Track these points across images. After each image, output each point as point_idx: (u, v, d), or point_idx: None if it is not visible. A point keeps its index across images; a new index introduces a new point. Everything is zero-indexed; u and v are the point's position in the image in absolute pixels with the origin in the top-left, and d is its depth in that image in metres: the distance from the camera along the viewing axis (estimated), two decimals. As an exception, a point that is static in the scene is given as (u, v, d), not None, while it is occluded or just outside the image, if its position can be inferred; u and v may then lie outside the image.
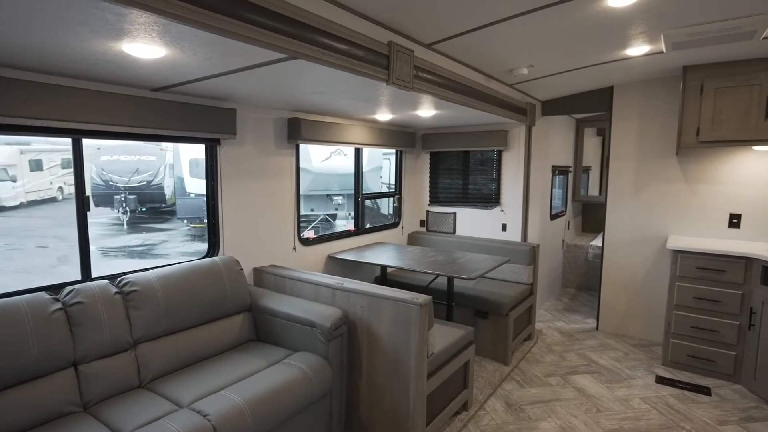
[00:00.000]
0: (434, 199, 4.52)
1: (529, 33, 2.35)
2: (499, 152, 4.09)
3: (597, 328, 4.16)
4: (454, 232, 4.42)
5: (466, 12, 1.99)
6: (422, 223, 4.61)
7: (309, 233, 3.35)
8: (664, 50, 2.80)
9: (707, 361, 3.21)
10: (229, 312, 2.42)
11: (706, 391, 3.03)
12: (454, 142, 4.21)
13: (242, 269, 2.56)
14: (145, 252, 8.28)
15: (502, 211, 4.14)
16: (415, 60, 2.21)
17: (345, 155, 9.94)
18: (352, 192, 3.93)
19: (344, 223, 10.12)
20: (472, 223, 4.31)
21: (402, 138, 4.08)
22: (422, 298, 2.18)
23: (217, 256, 2.65)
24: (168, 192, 10.02)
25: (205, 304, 2.29)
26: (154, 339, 2.11)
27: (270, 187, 2.97)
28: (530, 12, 2.05)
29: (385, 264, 3.21)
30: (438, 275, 3.03)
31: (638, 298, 3.93)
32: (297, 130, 2.99)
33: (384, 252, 3.58)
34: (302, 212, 3.32)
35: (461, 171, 4.32)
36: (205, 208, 2.68)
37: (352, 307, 2.37)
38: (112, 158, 9.50)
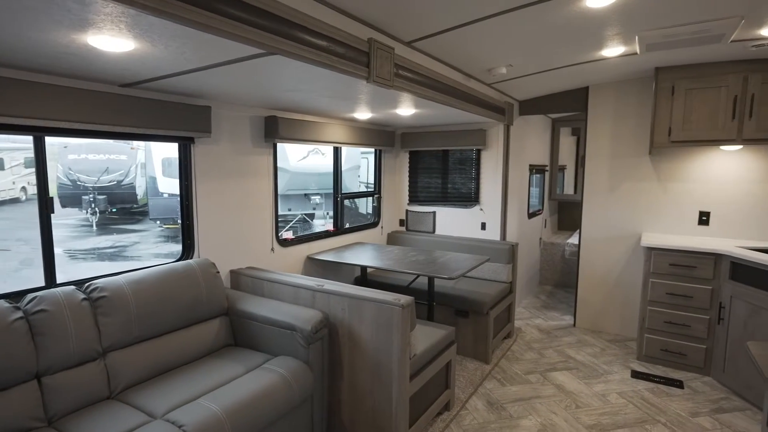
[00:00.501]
0: (414, 199, 4.50)
1: (508, 32, 2.35)
2: (478, 151, 4.11)
3: (574, 325, 4.23)
4: (433, 231, 4.42)
5: (447, 10, 1.97)
6: (402, 223, 4.60)
7: (287, 234, 3.28)
8: (638, 51, 2.85)
9: (679, 354, 3.30)
10: (205, 316, 2.34)
11: (678, 384, 3.11)
12: (433, 141, 4.20)
13: (218, 272, 2.48)
14: (115, 254, 8.00)
15: (481, 210, 4.16)
16: (396, 58, 2.18)
17: (323, 154, 9.83)
18: (331, 191, 3.88)
19: (322, 222, 10.03)
20: (451, 222, 4.32)
21: (381, 137, 4.05)
22: (404, 299, 2.15)
23: (192, 258, 2.56)
24: (140, 192, 9.71)
25: (180, 309, 2.21)
26: (126, 347, 2.02)
27: (247, 187, 2.89)
28: (510, 11, 2.05)
29: (365, 264, 3.17)
30: (419, 275, 3.01)
31: (613, 295, 4.01)
32: (274, 129, 2.92)
33: (364, 252, 3.54)
34: (280, 212, 3.24)
35: (440, 170, 4.32)
36: (179, 209, 2.58)
37: (333, 309, 2.33)
38: (79, 157, 9.14)
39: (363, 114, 3.29)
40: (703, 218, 3.60)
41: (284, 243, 3.21)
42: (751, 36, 2.60)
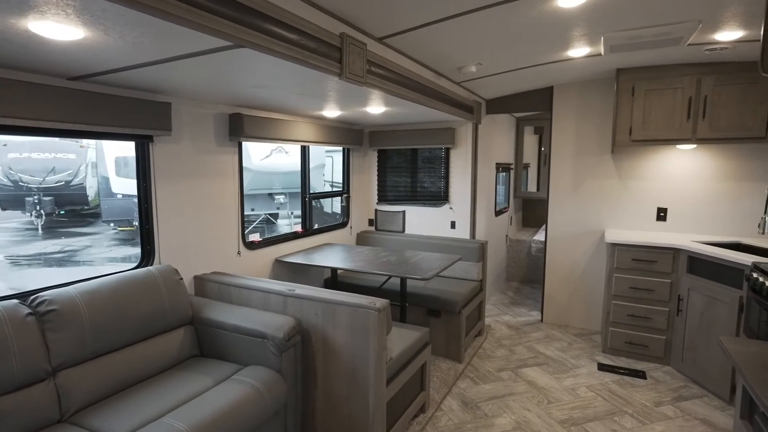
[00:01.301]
0: (383, 198, 4.45)
1: (480, 30, 2.33)
2: (447, 150, 4.11)
3: (541, 320, 4.31)
4: (403, 230, 4.38)
5: (419, 6, 1.93)
6: (371, 222, 4.54)
7: (254, 236, 3.14)
8: (602, 52, 2.92)
9: (641, 346, 3.42)
10: (168, 326, 2.20)
11: (641, 374, 3.22)
12: (402, 139, 4.17)
13: (182, 278, 2.33)
14: (65, 259, 7.50)
15: (451, 208, 4.16)
16: (368, 54, 2.11)
17: (287, 153, 9.63)
18: (295, 191, 3.76)
19: (287, 222, 9.82)
20: (421, 221, 4.30)
21: (349, 135, 3.97)
22: (380, 302, 2.10)
23: (152, 264, 2.39)
24: (91, 193, 9.16)
25: (140, 320, 2.05)
26: (79, 364, 1.85)
27: (211, 188, 2.74)
28: (483, 8, 2.03)
29: (336, 266, 3.09)
30: (391, 276, 2.96)
31: (578, 290, 4.12)
32: (239, 127, 2.79)
33: (334, 253, 3.46)
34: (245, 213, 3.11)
35: (409, 169, 4.29)
36: (135, 211, 2.41)
37: (306, 315, 2.24)
38: (21, 156, 8.50)
39: (332, 112, 3.21)
40: (661, 214, 3.75)
41: (251, 246, 3.08)
42: (706, 40, 2.71)
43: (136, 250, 6.72)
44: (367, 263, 3.10)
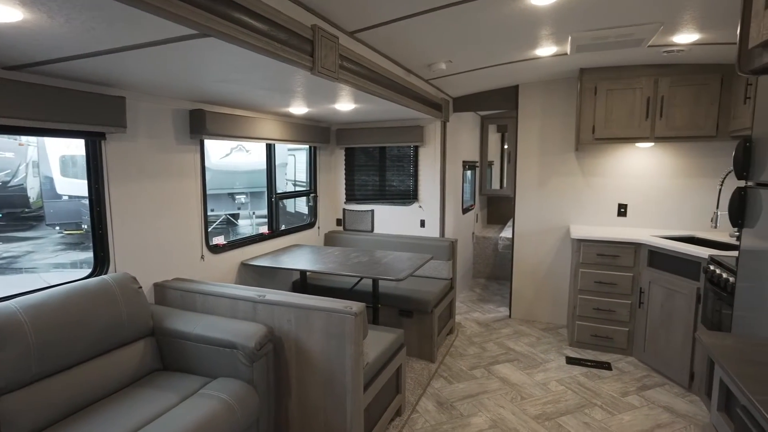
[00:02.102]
0: (351, 197, 4.37)
1: (451, 27, 2.30)
2: (416, 148, 4.08)
3: (510, 316, 4.37)
4: (372, 230, 4.32)
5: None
6: (339, 222, 4.44)
7: (218, 239, 2.98)
8: (568, 52, 2.97)
9: (606, 338, 3.52)
10: (126, 339, 2.03)
11: (607, 366, 3.32)
12: (370, 137, 4.10)
13: (140, 287, 2.16)
14: (3, 266, 6.92)
15: (420, 207, 4.14)
16: (340, 48, 2.03)
17: (247, 152, 9.34)
18: (256, 190, 3.62)
19: (248, 222, 9.53)
20: (390, 220, 4.25)
21: (316, 133, 3.86)
22: (356, 306, 2.02)
23: (107, 273, 2.21)
24: (32, 194, 8.50)
25: (94, 335, 1.88)
26: (23, 387, 1.66)
27: (171, 189, 2.57)
28: (455, 5, 1.99)
29: (306, 269, 2.98)
30: (363, 278, 2.89)
31: (545, 285, 4.20)
32: (201, 124, 2.62)
33: (303, 255, 3.35)
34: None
35: (378, 167, 4.23)
36: (83, 213, 2.21)
37: (278, 322, 2.13)
38: (-50, 155, 7.77)
39: (299, 109, 3.09)
40: (622, 210, 3.88)
41: (215, 249, 2.92)
42: (664, 42, 2.80)
43: (86, 255, 6.28)
44: (338, 265, 3.01)
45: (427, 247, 3.83)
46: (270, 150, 3.53)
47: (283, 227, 3.71)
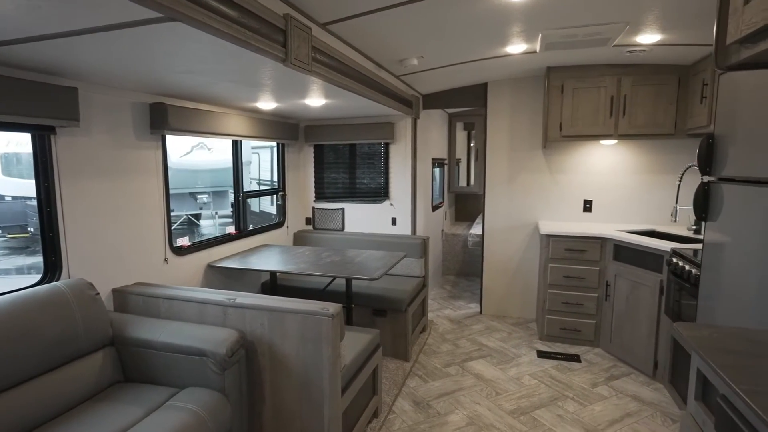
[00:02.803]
0: (320, 195, 4.28)
1: (424, 21, 2.27)
2: (386, 145, 4.03)
3: (481, 312, 4.41)
4: (342, 228, 4.25)
5: (370, -11, 1.81)
6: (308, 221, 4.34)
7: (183, 240, 2.83)
8: (537, 50, 3.00)
9: (575, 331, 3.61)
10: (83, 351, 1.87)
11: (576, 358, 3.40)
12: (339, 134, 4.02)
13: (98, 293, 2.01)
14: (-64, 275, 6.34)
15: (391, 204, 4.10)
16: (313, 40, 1.95)
17: (209, 149, 9.03)
18: (219, 189, 3.48)
19: (210, 223, 9.22)
20: (361, 218, 4.19)
21: (284, 130, 3.74)
22: (332, 307, 1.96)
23: (59, 279, 2.03)
24: (-32, 195, 7.84)
25: (46, 347, 1.72)
26: (-35, 407, 1.50)
27: (131, 187, 2.40)
28: (432, -2, 1.96)
29: (276, 270, 2.88)
30: (336, 277, 2.82)
31: (514, 281, 4.26)
32: (163, 119, 2.47)
33: (272, 255, 3.23)
34: (172, 216, 2.77)
35: (348, 165, 4.15)
36: (30, 215, 2.02)
37: (250, 326, 2.03)
38: None
39: (267, 104, 2.98)
40: (587, 206, 3.99)
41: (180, 251, 2.76)
42: (628, 42, 2.88)
43: (34, 260, 5.87)
44: (310, 265, 2.92)
45: (400, 245, 3.79)
46: (236, 147, 3.39)
47: (251, 227, 3.58)
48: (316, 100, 2.83)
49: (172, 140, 2.64)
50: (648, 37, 2.77)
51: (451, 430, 2.50)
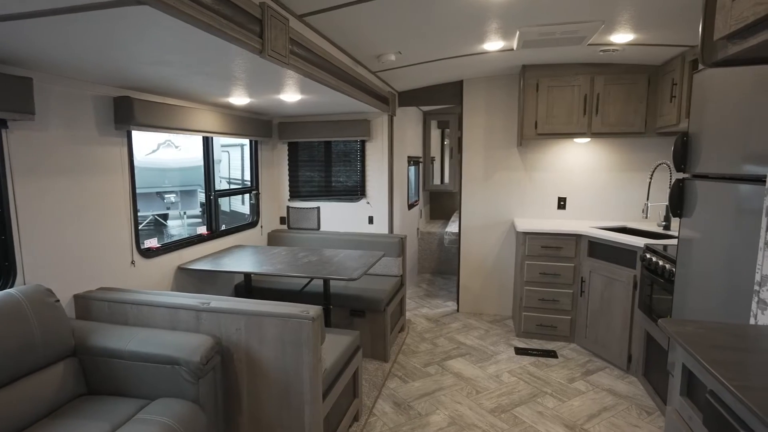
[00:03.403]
0: (295, 194, 4.17)
1: (403, 16, 2.22)
2: (363, 142, 3.97)
3: (458, 310, 4.41)
4: (318, 228, 4.16)
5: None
6: (283, 221, 4.23)
7: (151, 242, 2.68)
8: (515, 47, 3.01)
9: (551, 327, 3.65)
10: (41, 363, 1.73)
11: (553, 354, 3.43)
12: (314, 131, 3.93)
13: (58, 300, 1.86)
14: None
15: (368, 203, 4.04)
16: (291, 32, 1.87)
17: (176, 147, 8.73)
18: (188, 188, 3.33)
19: (179, 223, 8.91)
20: (337, 217, 4.11)
21: (257, 126, 3.62)
22: (313, 310, 1.88)
23: (12, 286, 1.87)
24: None
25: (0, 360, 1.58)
26: None
27: (93, 186, 2.25)
28: (415, -10, 1.91)
29: (252, 271, 2.77)
30: (313, 278, 2.74)
31: (491, 278, 4.28)
32: (128, 113, 2.33)
33: (246, 256, 3.12)
34: (139, 216, 2.62)
35: (323, 163, 4.07)
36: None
37: (226, 331, 1.93)
38: None
39: (240, 99, 2.86)
40: (561, 203, 4.04)
41: (148, 253, 2.62)
42: (602, 41, 2.92)
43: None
44: (286, 265, 2.83)
45: (377, 244, 3.74)
46: (207, 144, 3.25)
47: (223, 227, 3.44)
48: (291, 95, 2.74)
49: (137, 138, 2.50)
50: (621, 37, 2.81)
51: (433, 430, 2.47)
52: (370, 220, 4.04)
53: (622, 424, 2.52)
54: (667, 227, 3.43)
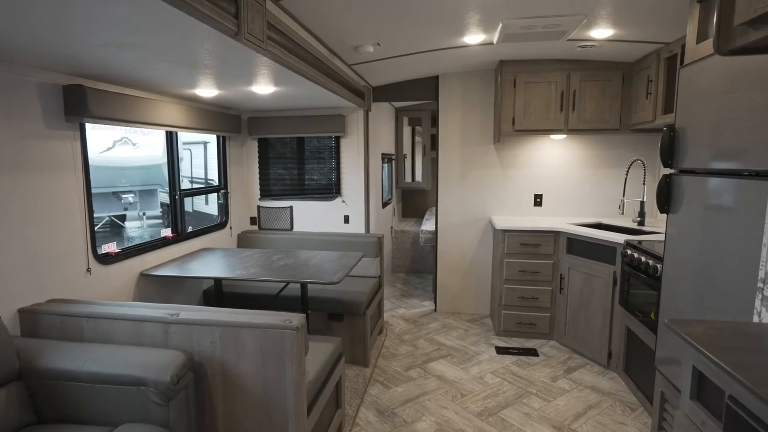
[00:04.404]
0: (266, 193, 3.97)
1: (383, 4, 2.09)
2: (337, 139, 3.81)
3: (435, 310, 4.34)
4: (291, 228, 3.97)
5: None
6: (253, 221, 4.01)
7: (110, 246, 2.44)
8: (495, 41, 2.94)
9: (530, 325, 3.63)
10: (-21, 391, 1.50)
11: (534, 352, 3.41)
12: (286, 127, 3.74)
13: (-1, 317, 1.62)
14: None
15: (344, 202, 3.89)
16: (268, 15, 1.70)
17: (134, 145, 8.26)
18: (147, 188, 3.09)
19: (137, 225, 8.45)
20: (311, 217, 3.94)
21: (225, 121, 3.40)
22: (296, 319, 1.73)
23: (-57, 301, 1.62)
24: None
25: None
26: None
27: (41, 186, 1.99)
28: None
29: (225, 276, 2.57)
30: (290, 282, 2.57)
31: (468, 276, 4.23)
32: (81, 104, 2.08)
33: (216, 260, 2.91)
34: (94, 219, 2.36)
35: (296, 160, 3.88)
36: None
37: (198, 345, 1.75)
38: None
39: (208, 91, 2.65)
40: (538, 200, 4.03)
41: (106, 259, 2.37)
42: (582, 36, 2.90)
43: None
44: (261, 269, 2.65)
45: (354, 244, 3.60)
46: (171, 140, 3.00)
47: (190, 229, 3.21)
48: (265, 87, 2.56)
49: (90, 134, 2.25)
50: (601, 32, 2.80)
51: (420, 439, 2.37)
52: (346, 219, 3.90)
53: (609, 422, 2.51)
54: (641, 223, 3.47)
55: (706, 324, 1.35)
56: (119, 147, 8.05)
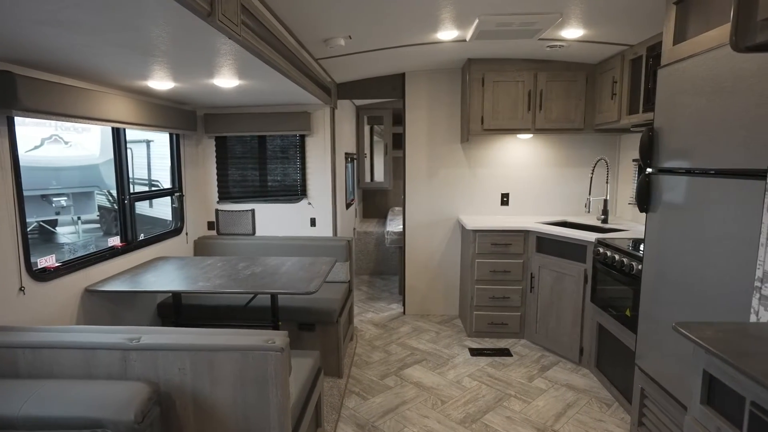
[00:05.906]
0: (225, 195, 3.69)
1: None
2: (302, 137, 3.61)
3: (404, 312, 4.24)
4: (253, 232, 3.72)
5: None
6: (211, 226, 3.72)
7: (48, 260, 2.11)
8: (468, 38, 2.87)
9: (502, 324, 3.62)
10: None
11: (507, 352, 3.39)
12: (247, 124, 3.48)
13: None
14: None
15: (310, 204, 3.69)
16: (241, -4, 1.51)
17: (66, 143, 7.53)
18: (83, 190, 2.76)
19: (72, 230, 7.72)
20: (275, 220, 3.71)
21: (179, 118, 3.10)
22: (279, 337, 1.55)
23: None
24: None
25: None
26: None
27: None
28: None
29: (186, 290, 2.31)
30: (260, 293, 2.35)
31: (437, 278, 4.16)
32: (10, 94, 1.77)
33: (173, 271, 2.63)
34: None
35: (258, 160, 3.64)
36: None
37: (164, 374, 1.52)
38: None
39: (162, 83, 2.37)
40: (504, 199, 4.04)
41: (43, 275, 2.05)
42: (554, 36, 2.90)
43: None
44: (227, 280, 2.41)
45: (322, 249, 3.42)
46: (118, 137, 2.67)
47: (141, 236, 2.89)
48: (228, 80, 2.32)
49: (20, 129, 1.92)
50: (572, 32, 2.80)
51: (406, 454, 2.25)
52: (313, 222, 3.70)
53: (588, 420, 2.51)
54: (605, 221, 3.55)
55: (714, 327, 1.32)
56: (49, 145, 7.31)
